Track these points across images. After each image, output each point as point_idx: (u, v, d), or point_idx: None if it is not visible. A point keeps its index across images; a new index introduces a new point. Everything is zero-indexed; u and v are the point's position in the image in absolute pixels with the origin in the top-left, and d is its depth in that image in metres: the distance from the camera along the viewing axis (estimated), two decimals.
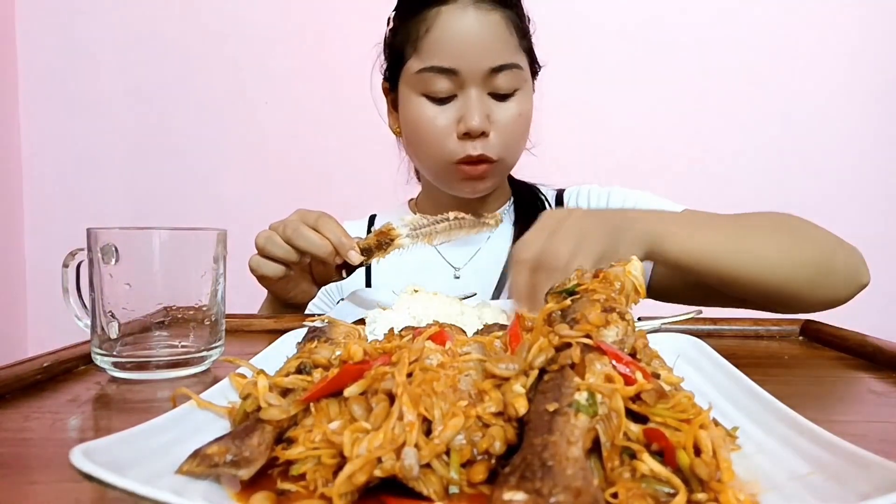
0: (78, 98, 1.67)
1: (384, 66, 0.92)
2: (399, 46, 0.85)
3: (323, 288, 0.86)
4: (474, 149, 0.81)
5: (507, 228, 0.96)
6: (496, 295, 0.88)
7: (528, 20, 0.88)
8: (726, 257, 0.67)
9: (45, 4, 1.65)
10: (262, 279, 0.77)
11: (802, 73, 1.60)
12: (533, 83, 0.90)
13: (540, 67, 0.92)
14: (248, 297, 0.83)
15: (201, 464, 0.27)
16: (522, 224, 0.93)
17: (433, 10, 0.80)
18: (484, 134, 0.81)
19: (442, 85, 0.80)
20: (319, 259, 0.73)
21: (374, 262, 0.74)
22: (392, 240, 0.73)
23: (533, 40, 0.89)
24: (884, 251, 1.57)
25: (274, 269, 0.74)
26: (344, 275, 0.78)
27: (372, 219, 1.04)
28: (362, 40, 1.40)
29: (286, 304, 0.82)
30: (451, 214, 0.74)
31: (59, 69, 1.66)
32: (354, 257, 0.72)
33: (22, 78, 1.67)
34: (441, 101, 0.82)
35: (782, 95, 1.61)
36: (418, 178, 1.05)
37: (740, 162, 1.62)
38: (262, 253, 0.75)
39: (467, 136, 0.81)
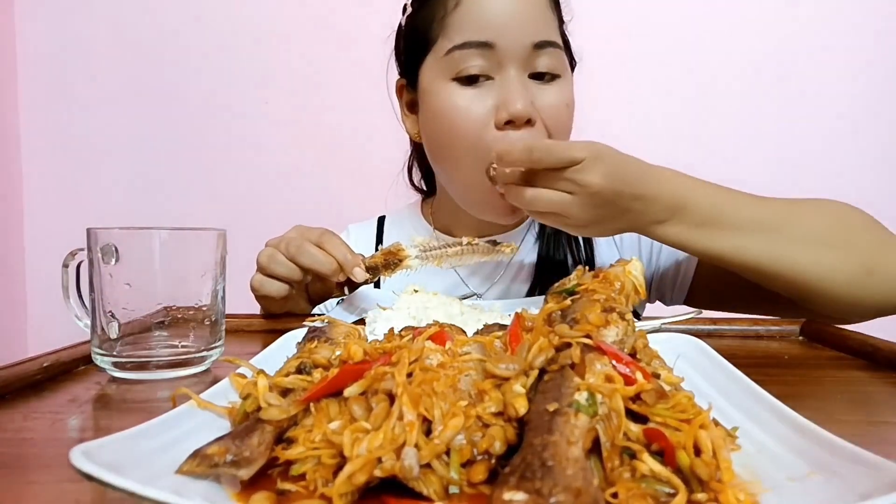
0: (78, 98, 1.67)
1: (398, 62, 0.84)
2: (421, 31, 0.75)
3: None
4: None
5: (531, 242, 0.88)
6: None
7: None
8: (751, 239, 0.62)
9: (44, 4, 1.65)
10: (264, 299, 0.75)
11: (834, 73, 1.60)
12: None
13: (576, 63, 0.82)
14: (248, 298, 0.83)
15: (201, 464, 0.27)
16: (549, 237, 0.87)
17: None
18: (529, 122, 0.70)
19: (476, 63, 0.69)
20: (323, 276, 0.71)
21: (381, 280, 0.73)
22: (400, 260, 0.71)
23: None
24: None
25: (278, 288, 0.72)
26: (346, 291, 0.77)
27: (381, 220, 0.99)
28: (363, 39, 1.40)
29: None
30: (465, 239, 0.71)
31: (59, 69, 1.66)
32: (360, 274, 0.70)
33: (22, 78, 1.67)
34: (475, 85, 0.71)
35: (801, 94, 1.61)
36: (416, 189, 1.00)
37: (754, 162, 1.61)
38: (265, 272, 0.72)
39: (510, 124, 0.69)
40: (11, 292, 1.65)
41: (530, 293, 0.84)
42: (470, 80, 0.71)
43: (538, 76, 0.72)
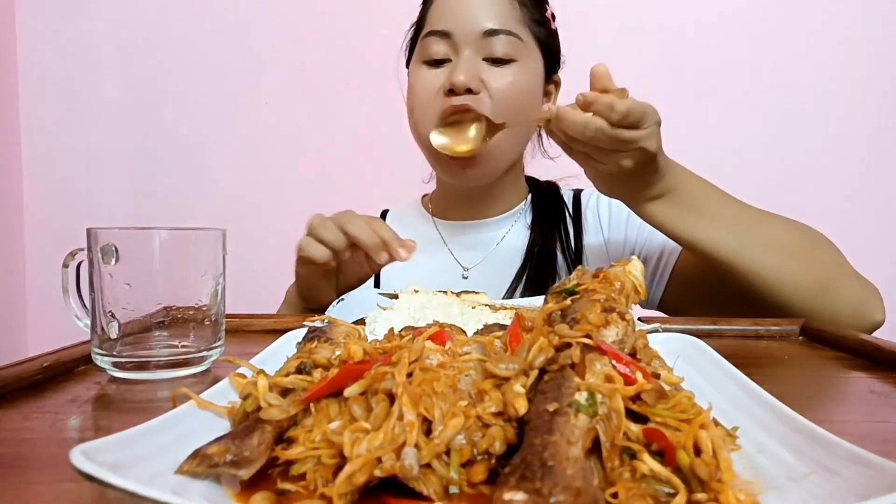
0: (78, 98, 1.67)
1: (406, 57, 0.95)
2: (416, 25, 0.91)
3: None
4: (459, 101, 0.79)
5: (521, 230, 0.94)
6: (508, 297, 0.87)
7: (553, 17, 0.90)
8: (730, 239, 0.69)
9: (45, 4, 1.65)
10: (305, 262, 0.77)
11: (816, 73, 1.60)
12: (552, 77, 0.91)
13: (560, 65, 0.93)
14: (248, 298, 0.83)
15: (201, 464, 0.27)
16: (539, 225, 0.93)
17: None
18: (471, 91, 0.80)
19: (438, 48, 0.83)
20: (367, 249, 0.73)
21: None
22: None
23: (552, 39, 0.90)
24: (882, 250, 1.57)
25: (321, 253, 0.74)
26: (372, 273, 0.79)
27: (384, 214, 1.05)
28: (363, 39, 1.40)
29: (306, 300, 0.82)
30: None
31: (59, 69, 1.66)
32: (404, 254, 0.73)
33: (22, 78, 1.67)
34: (437, 65, 0.84)
35: (790, 95, 1.61)
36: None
37: (741, 164, 1.61)
38: (313, 234, 0.75)
39: (452, 92, 0.80)
40: (11, 292, 1.65)
41: (519, 274, 0.89)
42: (436, 63, 0.84)
43: (496, 61, 0.83)
